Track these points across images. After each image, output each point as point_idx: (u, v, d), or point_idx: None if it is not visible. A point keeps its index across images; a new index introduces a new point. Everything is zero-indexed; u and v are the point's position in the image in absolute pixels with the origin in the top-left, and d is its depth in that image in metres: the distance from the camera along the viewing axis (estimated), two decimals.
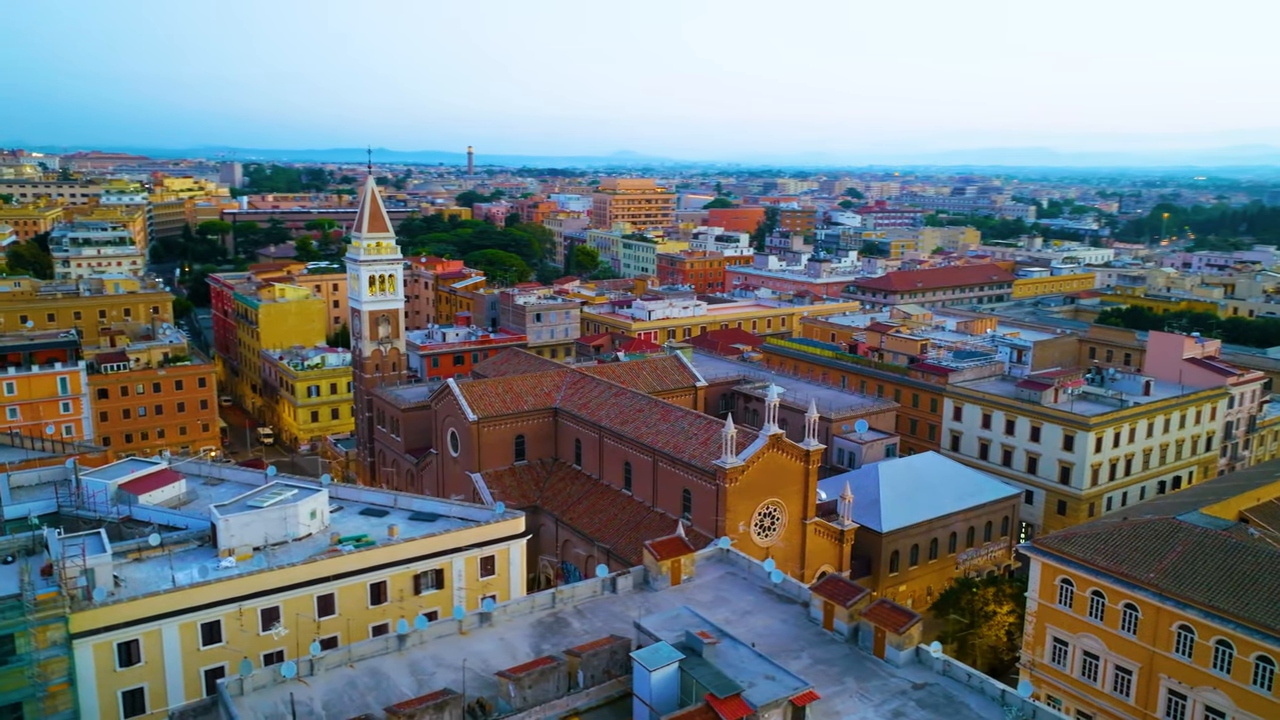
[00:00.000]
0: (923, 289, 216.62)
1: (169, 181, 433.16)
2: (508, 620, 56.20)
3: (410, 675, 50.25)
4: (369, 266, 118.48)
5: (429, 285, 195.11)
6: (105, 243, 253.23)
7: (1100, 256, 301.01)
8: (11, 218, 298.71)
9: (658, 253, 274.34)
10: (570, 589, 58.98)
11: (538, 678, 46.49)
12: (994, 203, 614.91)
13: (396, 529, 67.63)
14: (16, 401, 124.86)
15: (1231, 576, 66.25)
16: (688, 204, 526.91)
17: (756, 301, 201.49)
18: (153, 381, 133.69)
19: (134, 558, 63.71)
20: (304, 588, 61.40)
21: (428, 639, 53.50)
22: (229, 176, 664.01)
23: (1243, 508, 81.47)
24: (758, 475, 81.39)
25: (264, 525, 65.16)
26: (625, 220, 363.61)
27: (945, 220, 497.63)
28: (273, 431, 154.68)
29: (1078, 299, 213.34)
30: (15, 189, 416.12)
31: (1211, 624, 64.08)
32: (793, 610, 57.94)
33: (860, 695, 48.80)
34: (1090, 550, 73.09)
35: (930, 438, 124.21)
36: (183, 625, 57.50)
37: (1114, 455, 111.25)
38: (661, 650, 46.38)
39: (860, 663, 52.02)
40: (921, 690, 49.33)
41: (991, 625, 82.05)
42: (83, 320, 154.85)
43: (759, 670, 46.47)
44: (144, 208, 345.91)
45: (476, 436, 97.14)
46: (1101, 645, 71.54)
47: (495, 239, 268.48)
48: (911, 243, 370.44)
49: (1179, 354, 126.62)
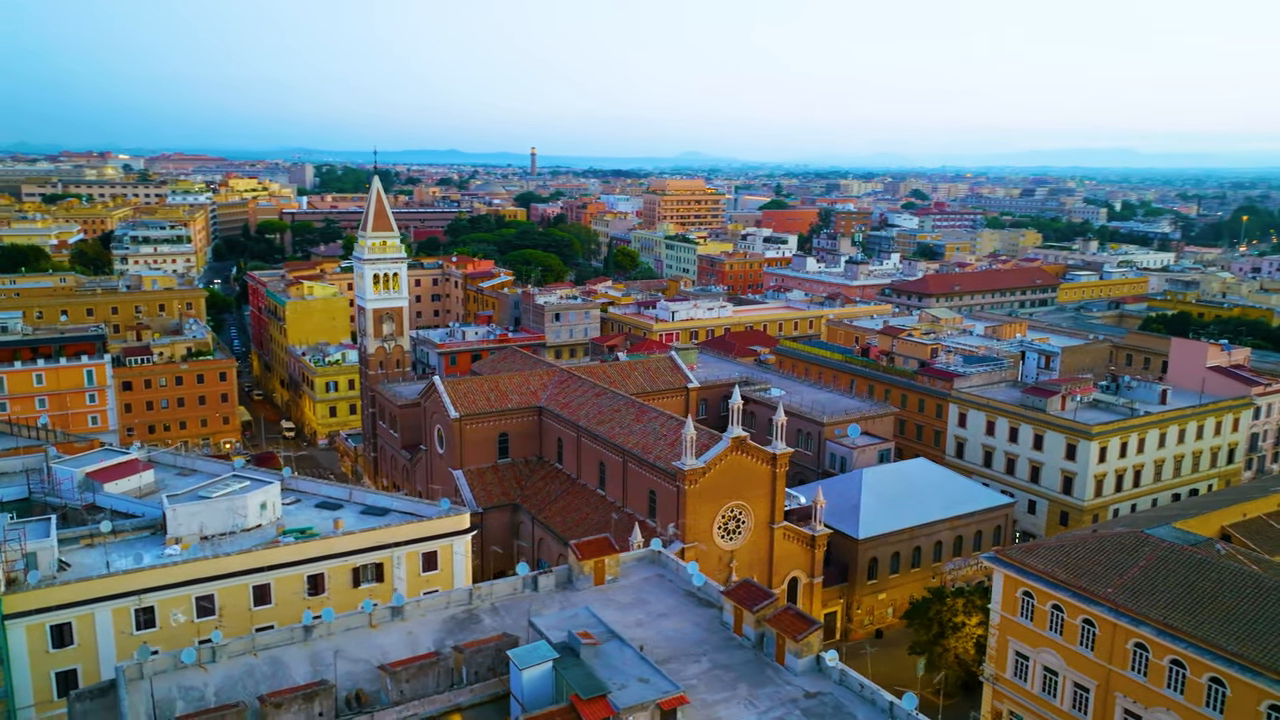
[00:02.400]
0: (960, 292, 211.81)
1: (234, 182, 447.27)
2: (420, 615, 56.71)
3: (309, 665, 51.02)
4: (373, 265, 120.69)
5: (458, 284, 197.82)
6: (162, 240, 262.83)
7: (1160, 260, 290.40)
8: (81, 216, 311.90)
9: (698, 253, 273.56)
10: (489, 586, 59.28)
11: (415, 672, 46.87)
12: (1063, 205, 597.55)
13: (342, 522, 68.82)
14: (46, 392, 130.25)
15: (1191, 594, 63.52)
16: (744, 205, 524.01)
17: (786, 303, 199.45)
18: (175, 375, 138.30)
19: (86, 543, 66.03)
20: (239, 577, 62.83)
21: (335, 630, 54.28)
22: (299, 177, 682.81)
23: (1228, 522, 77.86)
24: (720, 478, 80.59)
25: (212, 515, 66.93)
26: (674, 221, 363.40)
27: (1009, 222, 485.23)
28: (295, 425, 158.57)
29: (1123, 304, 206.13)
30: (95, 189, 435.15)
31: (1165, 643, 61.50)
32: (709, 614, 57.30)
33: (748, 702, 48.05)
34: (1052, 563, 70.76)
35: (936, 444, 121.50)
36: (115, 610, 59.35)
37: (1121, 466, 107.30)
38: (538, 649, 46.37)
39: (760, 669, 51.22)
40: (812, 699, 48.35)
41: (959, 637, 79.89)
42: (119, 315, 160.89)
43: (636, 673, 46.10)
44: (207, 207, 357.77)
45: (459, 433, 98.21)
46: (1060, 661, 69.22)
47: (537, 239, 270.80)
48: (967, 245, 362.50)
49: (1202, 361, 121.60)
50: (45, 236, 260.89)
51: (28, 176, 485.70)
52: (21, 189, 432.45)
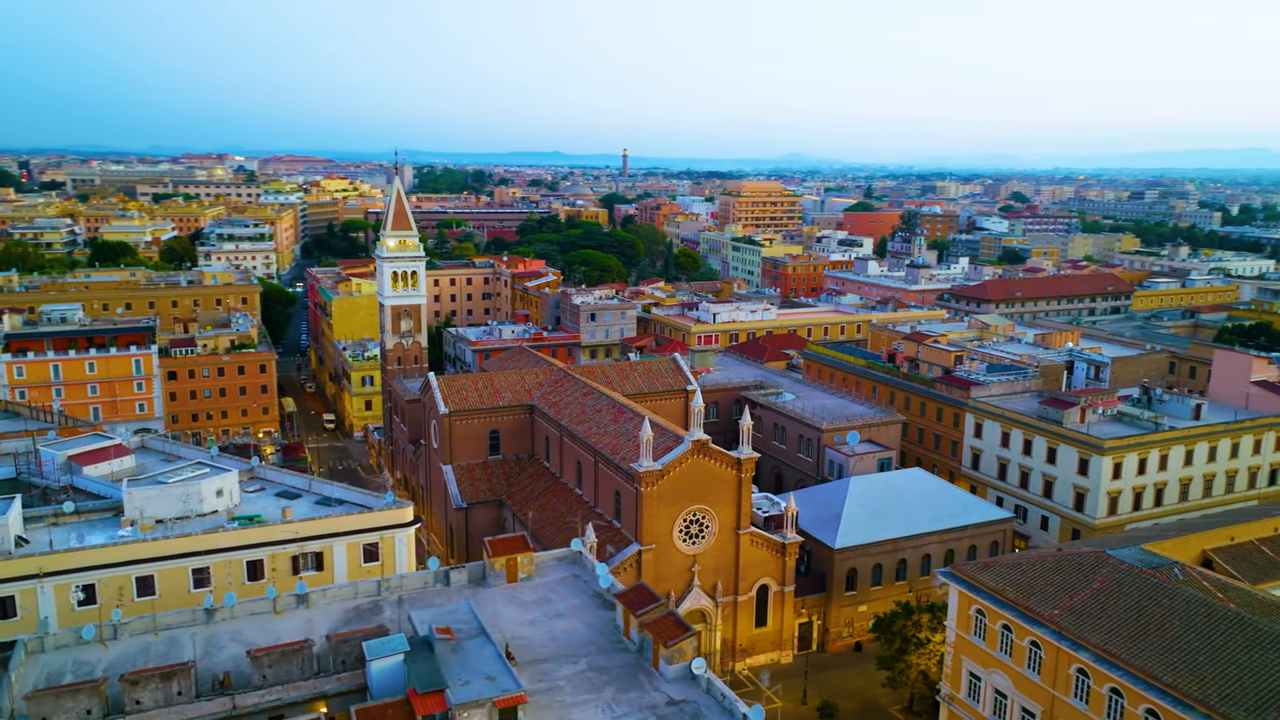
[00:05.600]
0: (1021, 298, 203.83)
1: (325, 183, 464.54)
2: (326, 604, 58.09)
3: (203, 646, 52.88)
4: (392, 263, 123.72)
5: (507, 284, 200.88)
6: (245, 238, 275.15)
7: (1258, 268, 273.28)
8: (177, 214, 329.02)
9: (763, 256, 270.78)
10: (399, 579, 60.29)
11: (279, 659, 48.08)
12: (1173, 208, 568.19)
13: (290, 511, 70.94)
14: (97, 379, 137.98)
15: (1139, 620, 60.05)
16: (830, 207, 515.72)
17: (835, 307, 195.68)
18: (217, 366, 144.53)
19: (51, 523, 69.87)
20: (179, 560, 65.46)
21: (239, 614, 56.13)
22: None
23: (1212, 545, 72.99)
24: (680, 481, 79.76)
25: (167, 500, 69.89)
26: (748, 223, 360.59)
27: (1109, 226, 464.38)
28: (335, 418, 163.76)
29: (1198, 313, 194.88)
30: (203, 189, 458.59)
31: (1103, 670, 58.33)
32: (607, 616, 57.00)
33: (607, 706, 47.66)
34: (1005, 580, 67.86)
35: (953, 455, 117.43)
36: (58, 586, 62.62)
37: (1139, 483, 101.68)
38: (391, 642, 47.04)
39: (634, 673, 50.73)
40: (673, 706, 47.65)
41: (923, 653, 77.15)
42: (179, 309, 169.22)
43: (487, 671, 46.35)
44: (297, 207, 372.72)
45: (449, 429, 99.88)
46: (1009, 684, 66.38)
47: (601, 240, 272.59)
48: (1055, 250, 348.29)
49: (1245, 375, 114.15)
50: (140, 234, 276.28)
51: (143, 177, 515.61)
52: (137, 189, 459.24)
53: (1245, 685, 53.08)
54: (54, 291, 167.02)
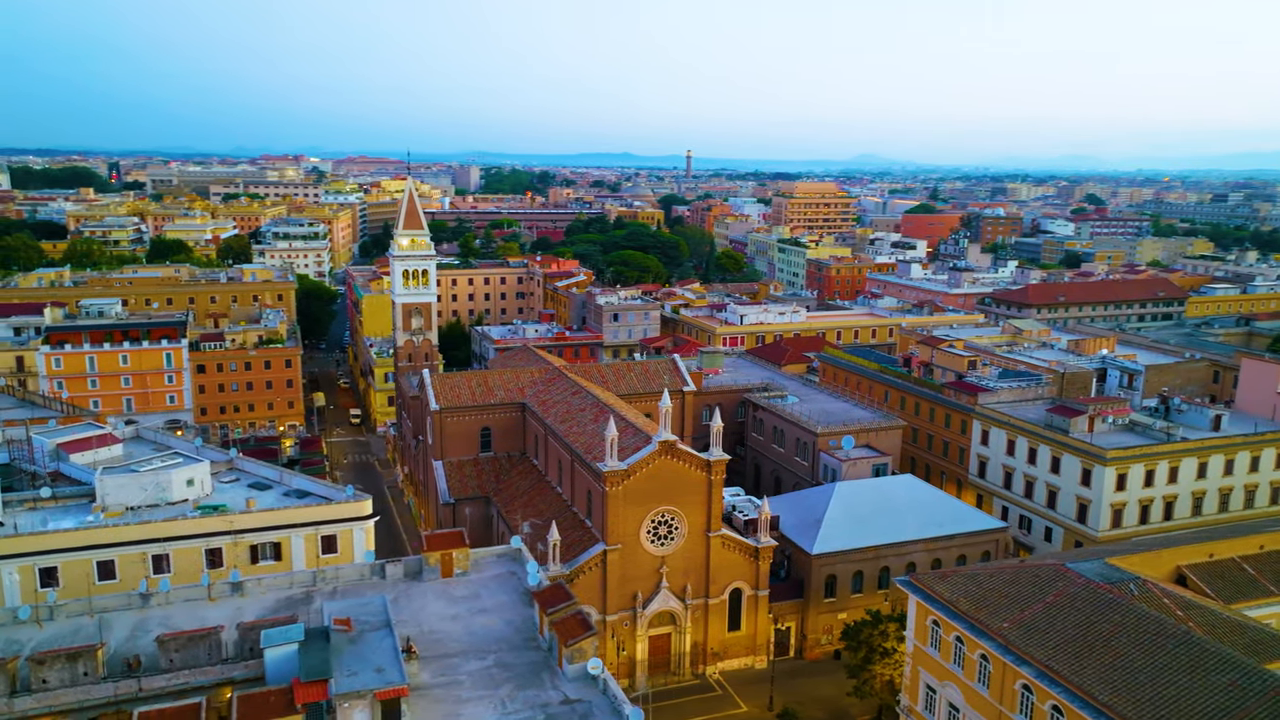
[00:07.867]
0: (1065, 303, 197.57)
1: (385, 183, 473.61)
2: (261, 592, 59.34)
3: (131, 630, 54.51)
4: (402, 261, 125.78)
5: (540, 283, 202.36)
6: (299, 237, 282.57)
7: None
8: (239, 214, 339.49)
9: (807, 258, 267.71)
10: (335, 570, 61.22)
11: (185, 643, 49.25)
12: (1257, 211, 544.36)
13: (254, 502, 72.62)
14: (130, 371, 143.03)
15: (1087, 636, 57.95)
16: (892, 209, 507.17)
17: (870, 310, 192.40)
18: (244, 360, 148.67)
19: (29, 507, 72.77)
20: (137, 546, 67.54)
21: (173, 600, 57.68)
22: (465, 178, 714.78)
23: (1188, 561, 69.77)
24: (647, 482, 79.36)
25: (137, 488, 72.18)
26: (801, 224, 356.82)
27: (1183, 230, 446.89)
28: (361, 413, 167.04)
29: (1254, 320, 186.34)
30: (272, 189, 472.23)
31: (1045, 686, 56.36)
32: (529, 614, 57.02)
33: (500, 703, 47.75)
34: (960, 591, 65.99)
35: (960, 462, 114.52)
36: (21, 568, 65.16)
37: (1146, 495, 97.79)
38: (287, 632, 47.81)
39: (538, 672, 50.72)
40: (565, 706, 47.53)
41: (888, 663, 75.41)
42: (217, 305, 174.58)
43: (378, 663, 46.76)
44: (356, 207, 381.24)
45: (440, 425, 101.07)
46: (960, 697, 64.59)
47: (645, 241, 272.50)
48: (1120, 254, 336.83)
49: (1274, 384, 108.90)
50: (201, 232, 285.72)
51: (217, 178, 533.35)
52: (210, 189, 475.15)
53: (1182, 707, 50.82)
54: (100, 286, 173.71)
